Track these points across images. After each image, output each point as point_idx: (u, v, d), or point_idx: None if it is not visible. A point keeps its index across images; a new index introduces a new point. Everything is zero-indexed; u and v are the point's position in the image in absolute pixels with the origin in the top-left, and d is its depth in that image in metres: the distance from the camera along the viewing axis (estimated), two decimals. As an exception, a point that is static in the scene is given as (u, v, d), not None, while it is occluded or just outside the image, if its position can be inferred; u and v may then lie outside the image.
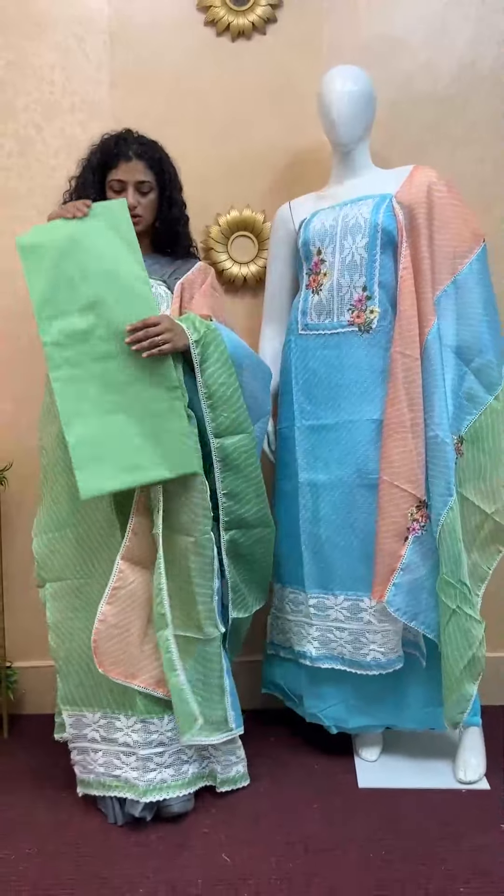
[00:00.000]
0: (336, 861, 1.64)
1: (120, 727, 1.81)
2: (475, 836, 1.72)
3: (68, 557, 1.83)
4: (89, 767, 1.84)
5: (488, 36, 2.18)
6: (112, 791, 1.80)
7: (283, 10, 2.18)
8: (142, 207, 1.86)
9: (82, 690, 1.83)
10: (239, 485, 1.83)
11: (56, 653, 1.85)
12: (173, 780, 1.80)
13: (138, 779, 1.77)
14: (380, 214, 1.87)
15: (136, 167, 1.84)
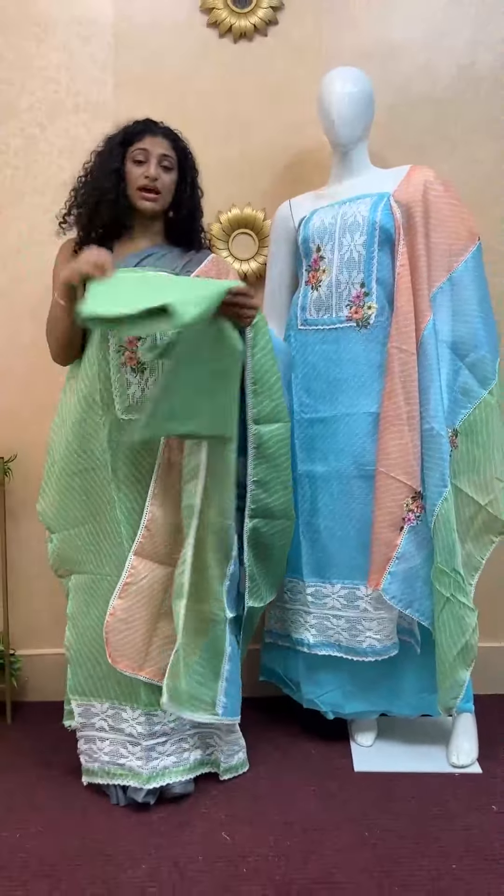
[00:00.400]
0: (332, 839, 1.69)
1: (126, 718, 1.85)
2: (468, 816, 1.77)
3: (88, 552, 1.86)
4: (94, 756, 1.88)
5: (486, 38, 2.23)
6: (116, 779, 1.85)
7: (284, 13, 2.23)
8: (161, 182, 1.82)
9: (91, 682, 1.87)
10: (270, 474, 1.85)
11: (69, 643, 1.89)
12: (175, 767, 1.85)
13: (142, 767, 1.81)
14: (378, 213, 1.92)
15: (161, 142, 1.83)
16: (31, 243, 2.27)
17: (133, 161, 1.82)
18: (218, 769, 1.92)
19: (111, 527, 1.83)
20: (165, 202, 1.86)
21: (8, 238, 2.29)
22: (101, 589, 1.84)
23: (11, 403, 2.33)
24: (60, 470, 1.85)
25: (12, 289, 2.30)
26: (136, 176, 1.81)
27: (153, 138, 1.82)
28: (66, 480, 1.84)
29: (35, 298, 2.25)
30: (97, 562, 1.85)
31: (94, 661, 1.86)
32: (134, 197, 1.82)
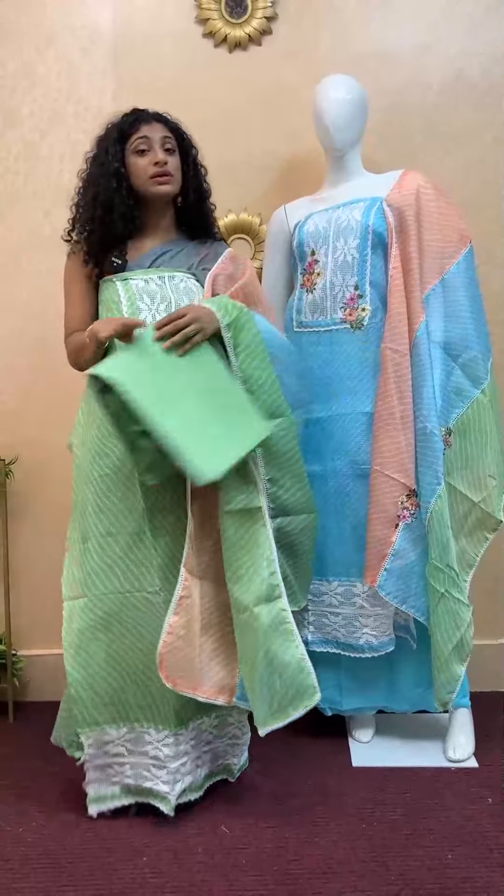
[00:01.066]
0: (329, 831, 1.72)
1: (149, 740, 1.77)
2: (463, 807, 1.80)
3: (89, 573, 1.75)
4: (115, 780, 1.79)
5: (476, 46, 2.28)
6: (141, 798, 1.79)
7: (278, 23, 2.28)
8: (171, 166, 1.78)
9: (107, 709, 1.76)
10: (280, 470, 1.74)
11: (73, 677, 1.75)
12: (190, 787, 1.81)
13: (169, 793, 1.75)
14: (370, 216, 1.96)
15: (157, 126, 1.79)
16: (32, 247, 2.31)
17: (135, 152, 1.78)
18: (229, 774, 1.90)
19: (132, 538, 1.74)
20: (178, 185, 1.82)
21: (9, 241, 2.33)
22: (106, 609, 1.74)
23: (13, 405, 2.37)
24: (81, 480, 1.79)
25: (14, 291, 2.34)
26: (144, 166, 1.77)
27: (149, 125, 1.79)
28: (82, 491, 1.78)
29: (36, 301, 2.29)
30: (101, 581, 1.75)
31: (109, 686, 1.76)
32: (146, 186, 1.77)
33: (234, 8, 2.25)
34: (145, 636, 1.74)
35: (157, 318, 1.72)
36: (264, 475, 1.73)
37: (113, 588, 1.75)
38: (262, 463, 1.72)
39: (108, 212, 1.76)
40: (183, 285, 1.79)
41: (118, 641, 1.75)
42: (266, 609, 1.64)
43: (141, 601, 1.74)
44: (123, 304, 1.75)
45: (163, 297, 1.76)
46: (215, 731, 1.86)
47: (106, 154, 1.78)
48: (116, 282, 1.78)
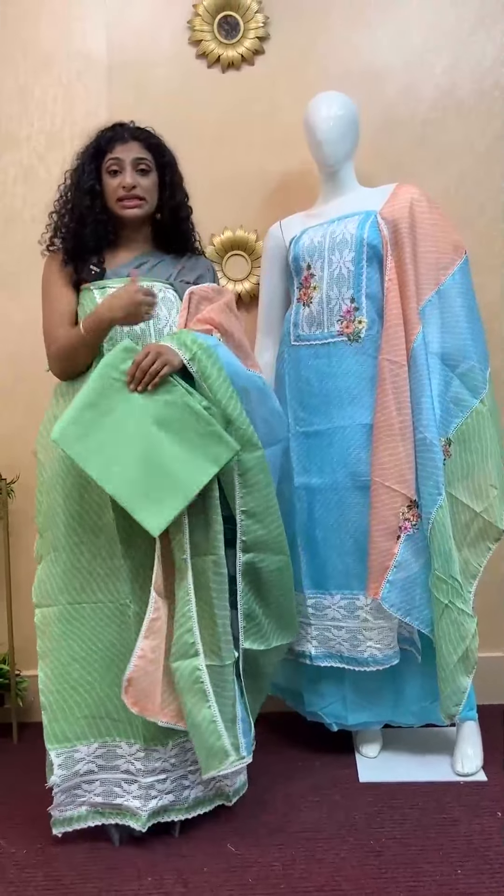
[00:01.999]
0: (337, 848, 1.70)
1: (121, 754, 1.74)
2: (472, 822, 1.78)
3: (62, 581, 1.75)
4: (81, 800, 1.75)
5: (465, 62, 2.31)
6: (111, 819, 1.75)
7: (269, 43, 2.31)
8: (142, 188, 1.78)
9: (77, 724, 1.73)
10: (260, 503, 1.72)
11: (46, 687, 1.74)
12: (173, 806, 1.76)
13: (140, 808, 1.71)
14: (365, 230, 1.97)
15: (133, 146, 1.78)
16: (31, 268, 2.30)
17: (108, 172, 1.79)
18: (227, 800, 1.83)
19: (104, 550, 1.73)
20: (151, 206, 1.82)
21: (8, 263, 2.36)
22: (82, 619, 1.73)
23: (13, 425, 2.38)
24: (47, 489, 1.78)
25: (13, 312, 2.36)
26: (114, 188, 1.78)
27: (123, 145, 1.78)
28: (51, 500, 1.77)
29: (35, 322, 2.28)
30: (76, 589, 1.74)
31: (81, 700, 1.73)
32: (115, 208, 1.79)
33: (227, 29, 2.29)
34: (118, 647, 1.73)
35: (134, 327, 1.73)
36: (240, 506, 1.71)
37: (85, 598, 1.74)
38: (239, 494, 1.71)
39: (80, 226, 1.79)
40: (161, 295, 1.77)
41: (92, 653, 1.73)
42: (183, 665, 1.66)
43: (114, 612, 1.73)
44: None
45: None
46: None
47: (82, 169, 1.80)
48: (94, 290, 1.77)
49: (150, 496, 1.61)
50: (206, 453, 1.64)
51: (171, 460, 1.63)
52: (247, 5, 2.27)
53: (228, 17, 2.28)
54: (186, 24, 2.30)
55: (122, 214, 1.80)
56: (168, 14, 2.31)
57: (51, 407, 1.85)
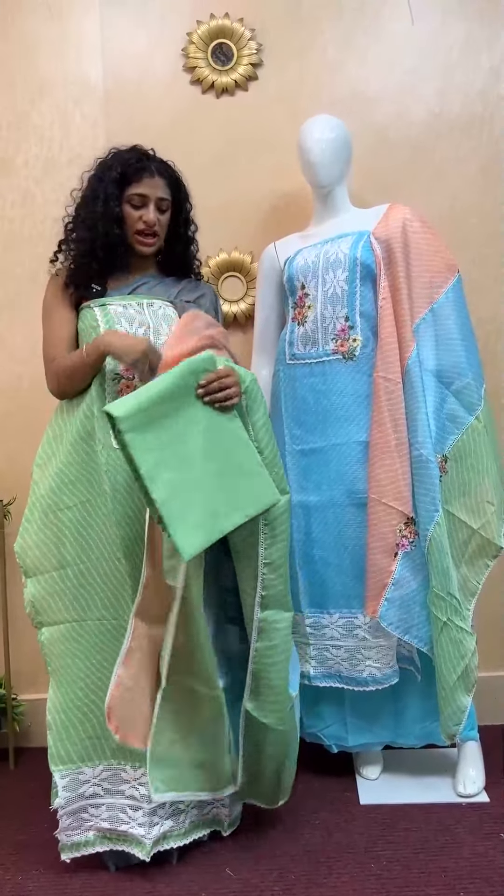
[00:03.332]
0: (337, 871, 1.67)
1: (126, 779, 1.72)
2: (475, 844, 1.75)
3: (68, 598, 1.73)
4: (88, 824, 1.73)
5: (455, 87, 2.35)
6: (118, 845, 1.73)
7: (263, 69, 2.35)
8: (160, 226, 1.83)
9: (82, 745, 1.72)
10: (282, 554, 1.69)
11: (53, 706, 1.72)
12: (170, 832, 1.74)
13: (145, 836, 1.69)
14: (358, 250, 1.99)
15: (159, 183, 1.81)
16: (28, 292, 2.34)
17: (130, 203, 1.81)
18: (221, 827, 1.81)
19: (108, 565, 1.72)
20: (161, 243, 1.87)
21: (6, 286, 2.38)
22: (87, 636, 1.72)
23: (10, 447, 2.38)
24: (46, 506, 1.76)
25: (11, 334, 2.38)
26: (134, 220, 1.80)
27: (151, 180, 1.81)
28: (52, 517, 1.75)
29: (33, 344, 2.30)
30: (82, 606, 1.73)
31: (86, 719, 1.72)
32: (131, 239, 1.82)
33: (221, 56, 2.33)
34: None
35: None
36: (264, 559, 1.67)
37: (89, 615, 1.73)
38: (264, 546, 1.66)
39: (92, 250, 1.79)
40: (161, 312, 1.80)
41: (96, 671, 1.72)
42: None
43: (116, 628, 1.72)
44: (102, 328, 1.76)
45: (141, 322, 1.78)
46: None
47: (105, 194, 1.79)
48: (95, 307, 1.79)
49: (187, 516, 1.51)
50: (249, 494, 1.60)
51: (213, 487, 1.56)
52: (240, 33, 2.31)
53: (222, 45, 2.33)
54: (181, 52, 2.34)
55: (135, 248, 1.84)
56: (163, 41, 2.35)
57: (50, 426, 1.85)
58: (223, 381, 1.59)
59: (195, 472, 1.54)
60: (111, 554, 1.72)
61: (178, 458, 1.52)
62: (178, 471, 1.51)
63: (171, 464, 1.51)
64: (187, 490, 1.51)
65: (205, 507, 1.53)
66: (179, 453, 1.53)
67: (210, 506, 1.54)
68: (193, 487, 1.52)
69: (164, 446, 1.50)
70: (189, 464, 1.53)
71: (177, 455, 1.52)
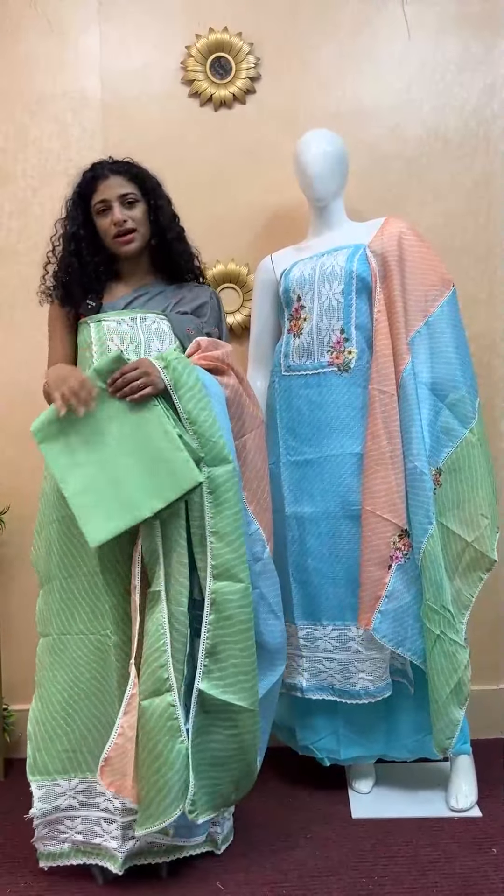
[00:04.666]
0: (329, 885, 1.66)
1: (101, 791, 1.70)
2: (467, 859, 1.74)
3: (54, 611, 1.75)
4: (64, 836, 1.72)
5: (450, 102, 2.37)
6: (91, 859, 1.72)
7: (261, 82, 2.37)
8: (133, 221, 1.81)
9: (59, 757, 1.71)
10: (229, 523, 1.66)
11: (35, 716, 1.73)
12: (150, 849, 1.72)
13: (118, 850, 1.67)
14: (354, 262, 2.00)
15: (115, 182, 1.81)
16: (26, 300, 2.35)
17: (98, 214, 1.82)
18: (214, 847, 1.79)
19: (88, 580, 1.73)
20: (144, 236, 1.85)
21: (3, 294, 2.38)
22: (68, 650, 1.73)
23: (5, 456, 2.38)
24: (41, 520, 1.80)
25: (7, 343, 2.38)
26: (107, 227, 1.81)
27: (105, 181, 1.81)
28: (45, 531, 1.78)
29: (29, 354, 2.31)
30: (66, 620, 1.74)
31: (63, 732, 1.71)
32: (112, 245, 1.83)
33: (219, 69, 2.35)
34: (100, 682, 1.72)
35: (128, 356, 1.74)
36: (210, 528, 1.66)
37: (72, 629, 1.73)
38: (209, 514, 1.66)
39: (68, 273, 1.83)
40: (155, 326, 1.81)
41: (75, 685, 1.72)
42: (155, 702, 1.58)
43: (96, 643, 1.72)
44: (94, 345, 1.78)
45: (132, 338, 1.78)
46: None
47: (72, 217, 1.84)
48: (90, 323, 1.81)
49: (99, 507, 1.61)
50: (170, 479, 1.62)
51: (130, 477, 1.63)
52: (238, 47, 2.33)
53: (221, 59, 2.34)
54: (180, 65, 2.36)
55: (120, 252, 1.84)
56: (161, 54, 2.37)
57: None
58: (127, 377, 1.65)
59: (109, 467, 1.64)
60: (91, 569, 1.72)
61: (92, 456, 1.65)
62: (91, 467, 1.64)
63: (83, 463, 1.65)
64: (100, 485, 1.63)
65: (119, 498, 1.62)
66: (94, 452, 1.65)
67: (126, 496, 1.62)
68: (107, 482, 1.63)
69: (75, 449, 1.66)
70: (103, 460, 1.65)
71: (90, 454, 1.65)
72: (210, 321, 1.91)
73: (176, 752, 1.57)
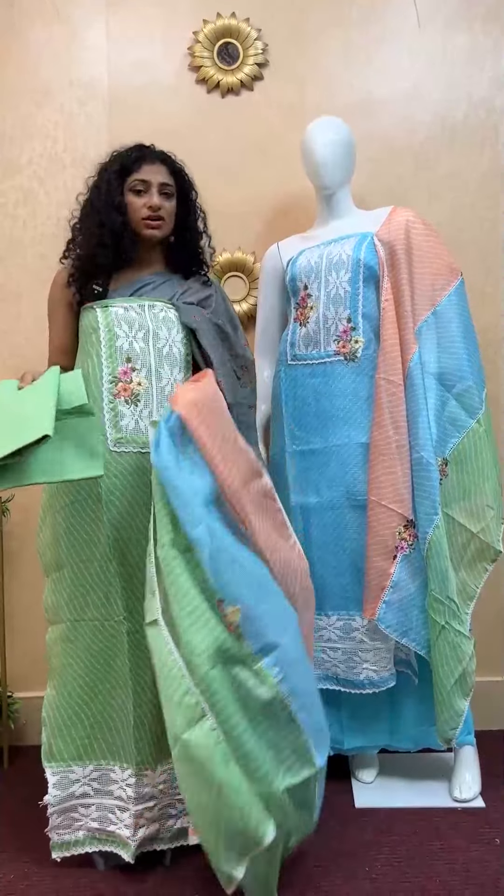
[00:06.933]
0: (332, 875, 1.66)
1: (115, 779, 1.72)
2: (470, 850, 1.74)
3: (65, 598, 1.75)
4: (78, 824, 1.72)
5: (459, 94, 2.36)
6: (106, 846, 1.73)
7: (268, 69, 2.35)
8: (164, 211, 1.81)
9: (73, 744, 1.72)
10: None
11: (50, 703, 1.74)
12: (157, 835, 1.73)
13: (130, 838, 1.68)
14: (361, 251, 1.99)
15: (160, 169, 1.82)
16: (31, 289, 2.35)
17: (132, 191, 1.80)
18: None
19: (99, 566, 1.72)
20: (169, 228, 1.85)
21: (9, 284, 2.38)
22: (82, 637, 1.73)
23: (10, 445, 2.37)
24: (48, 507, 1.79)
25: (13, 332, 2.38)
26: (138, 207, 1.79)
27: (151, 166, 1.81)
28: (51, 518, 1.78)
29: (36, 344, 2.31)
30: (79, 607, 1.74)
31: (78, 719, 1.72)
32: (138, 227, 1.80)
33: (227, 56, 2.33)
34: (114, 669, 1.72)
35: (133, 345, 1.75)
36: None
37: (85, 615, 1.73)
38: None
39: (100, 242, 1.79)
40: (162, 315, 1.79)
41: (90, 672, 1.72)
42: (194, 734, 1.36)
43: (110, 630, 1.72)
44: (102, 331, 1.76)
45: (141, 325, 1.77)
46: None
47: (107, 185, 1.80)
48: (97, 308, 1.79)
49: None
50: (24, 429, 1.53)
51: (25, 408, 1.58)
52: (246, 32, 2.32)
53: (228, 45, 2.33)
54: (187, 51, 2.35)
55: (143, 234, 1.82)
56: (168, 41, 2.36)
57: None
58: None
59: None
60: (102, 555, 1.72)
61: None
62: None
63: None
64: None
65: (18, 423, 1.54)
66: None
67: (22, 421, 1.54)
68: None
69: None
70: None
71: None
72: (218, 312, 1.88)
73: (238, 779, 1.36)
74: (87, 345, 1.79)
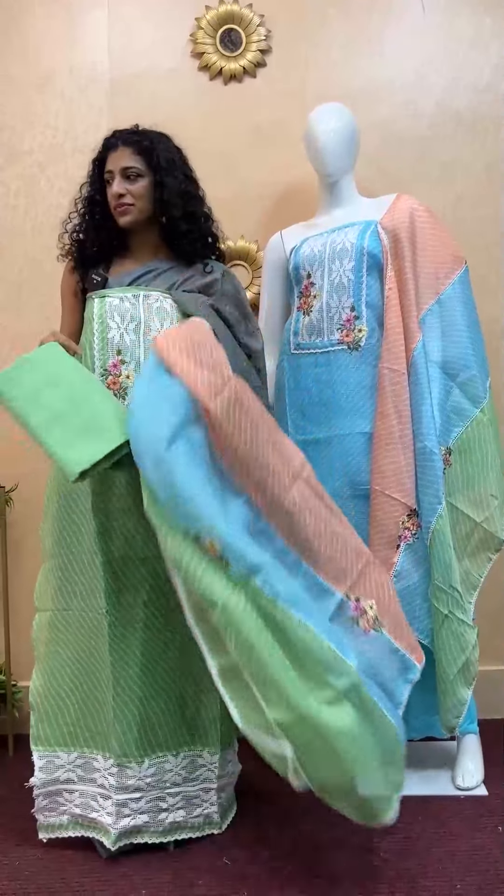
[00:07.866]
0: (334, 861, 1.67)
1: (97, 767, 1.74)
2: (472, 837, 1.75)
3: (54, 587, 1.78)
4: (63, 808, 1.76)
5: (464, 80, 2.34)
6: (88, 832, 1.76)
7: (271, 55, 2.34)
8: (130, 195, 1.77)
9: (59, 729, 1.76)
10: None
11: (37, 689, 1.77)
12: (146, 828, 1.72)
13: (111, 825, 1.69)
14: (365, 239, 1.98)
15: (122, 154, 1.77)
16: (32, 278, 2.35)
17: (107, 182, 1.81)
18: (216, 827, 1.78)
19: (86, 558, 1.73)
20: (141, 211, 1.79)
21: (10, 274, 2.37)
22: (69, 627, 1.75)
23: (12, 432, 2.36)
24: (48, 496, 1.82)
25: (14, 321, 2.37)
26: (110, 198, 1.80)
27: (114, 153, 1.79)
28: (52, 506, 1.80)
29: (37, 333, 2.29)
30: (66, 596, 1.76)
31: (65, 706, 1.76)
32: (115, 216, 1.81)
33: (229, 42, 2.31)
34: (98, 659, 1.74)
35: (124, 337, 1.75)
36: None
37: (72, 604, 1.76)
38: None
39: (82, 235, 1.85)
40: (157, 305, 1.77)
41: (77, 662, 1.75)
42: (233, 599, 1.42)
43: (94, 621, 1.73)
44: (95, 322, 1.78)
45: (133, 317, 1.76)
46: (184, 772, 1.75)
47: (90, 181, 1.85)
48: (95, 299, 1.80)
49: (69, 435, 1.56)
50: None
51: (100, 405, 1.61)
52: (249, 19, 2.30)
53: (231, 31, 2.31)
54: (189, 37, 2.33)
55: (119, 223, 1.82)
56: (170, 27, 2.34)
57: None
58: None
59: (76, 396, 1.63)
60: (89, 546, 1.73)
61: (44, 403, 1.61)
62: (55, 396, 1.61)
63: (38, 409, 1.61)
64: (70, 409, 1.59)
65: (93, 422, 1.59)
66: (56, 386, 1.63)
67: (98, 421, 1.59)
68: (76, 408, 1.61)
69: (39, 386, 1.64)
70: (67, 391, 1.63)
71: (54, 388, 1.63)
72: (222, 300, 1.83)
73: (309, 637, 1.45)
74: (86, 333, 1.80)
